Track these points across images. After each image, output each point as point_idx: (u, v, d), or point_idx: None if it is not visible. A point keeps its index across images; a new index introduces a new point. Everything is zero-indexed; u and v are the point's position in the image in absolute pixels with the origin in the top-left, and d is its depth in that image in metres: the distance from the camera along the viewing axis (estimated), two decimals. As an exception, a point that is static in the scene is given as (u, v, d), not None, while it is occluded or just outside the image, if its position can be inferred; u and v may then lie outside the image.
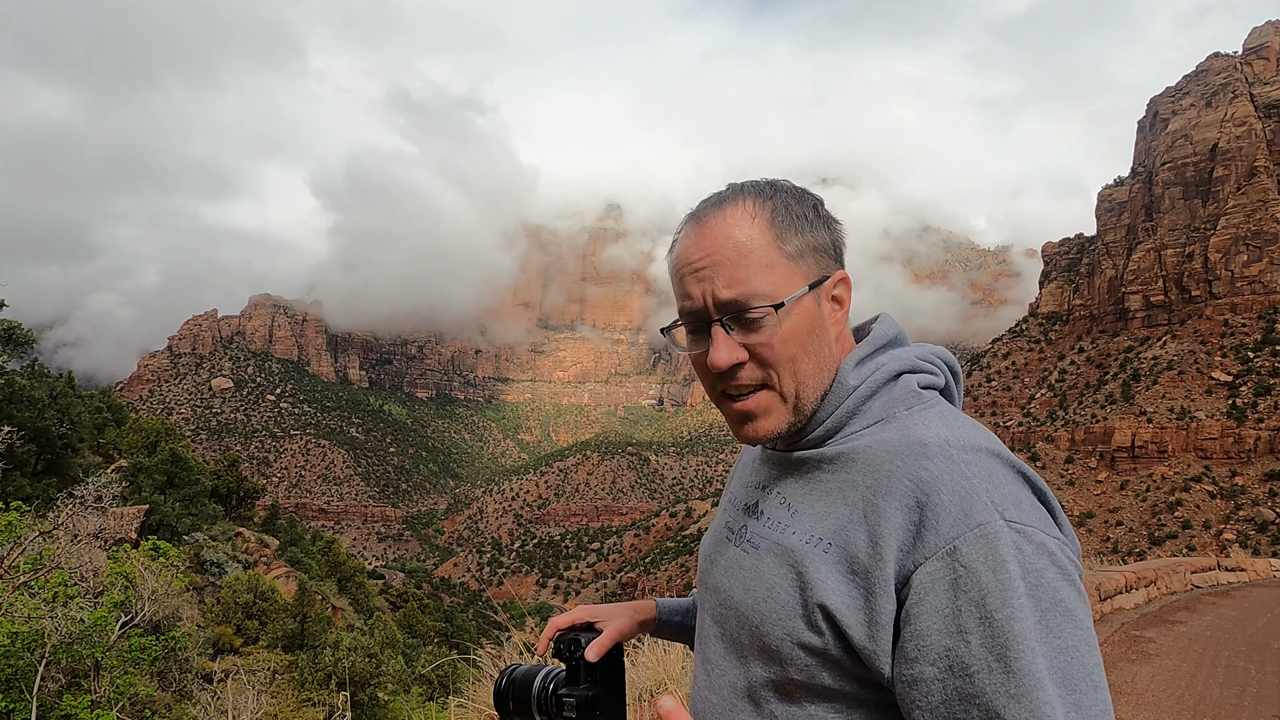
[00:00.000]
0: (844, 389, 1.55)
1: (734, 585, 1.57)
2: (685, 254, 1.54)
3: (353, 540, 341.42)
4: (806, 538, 1.46)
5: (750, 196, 1.55)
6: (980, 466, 1.37)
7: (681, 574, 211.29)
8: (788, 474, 1.60)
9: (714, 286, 1.49)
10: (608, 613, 1.81)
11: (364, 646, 20.00)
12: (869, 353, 1.60)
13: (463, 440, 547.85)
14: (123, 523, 25.50)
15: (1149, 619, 13.57)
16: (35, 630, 9.17)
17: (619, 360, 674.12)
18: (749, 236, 1.50)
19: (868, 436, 1.50)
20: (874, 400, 1.55)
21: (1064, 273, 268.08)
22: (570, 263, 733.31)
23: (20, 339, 30.88)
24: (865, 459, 1.46)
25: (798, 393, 1.52)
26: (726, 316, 1.49)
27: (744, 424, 1.54)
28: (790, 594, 1.43)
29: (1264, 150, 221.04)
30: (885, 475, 1.40)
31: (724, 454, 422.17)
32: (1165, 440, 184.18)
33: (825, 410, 1.55)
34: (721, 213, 1.54)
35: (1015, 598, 1.24)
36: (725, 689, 1.53)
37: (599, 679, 1.58)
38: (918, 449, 1.40)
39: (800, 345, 1.51)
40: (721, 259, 1.49)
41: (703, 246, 1.52)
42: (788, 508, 1.54)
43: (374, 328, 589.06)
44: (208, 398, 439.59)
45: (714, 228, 1.53)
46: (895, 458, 1.41)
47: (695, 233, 1.55)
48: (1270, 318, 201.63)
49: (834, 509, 1.45)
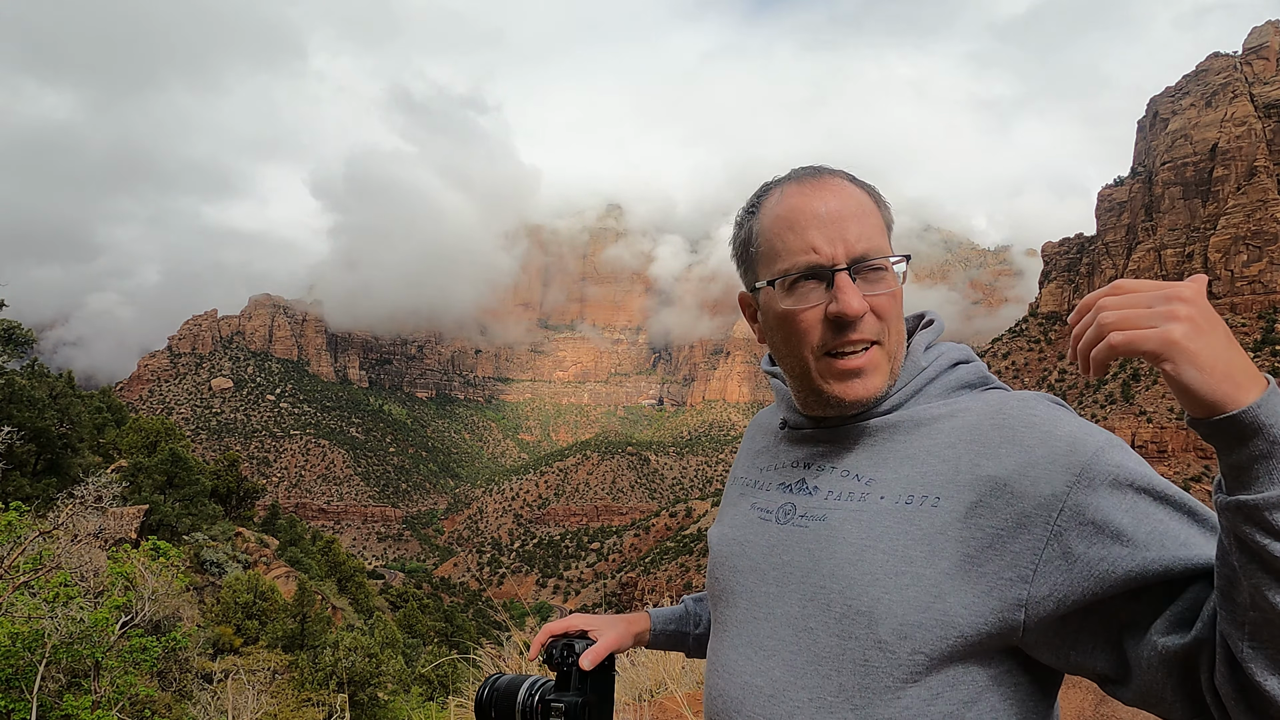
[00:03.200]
0: (916, 366, 1.62)
1: (791, 560, 1.56)
2: (805, 206, 1.55)
3: (353, 540, 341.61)
4: (902, 499, 1.47)
5: (843, 174, 1.62)
6: (1065, 408, 1.48)
7: (681, 574, 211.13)
8: (844, 448, 1.61)
9: (845, 239, 1.51)
10: (603, 623, 1.81)
11: (364, 646, 20.00)
12: (934, 339, 1.68)
13: (463, 440, 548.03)
14: (123, 523, 25.51)
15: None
16: (35, 630, 9.17)
17: (619, 360, 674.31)
18: (864, 200, 1.57)
19: (946, 405, 1.55)
20: (937, 383, 1.61)
21: (1064, 273, 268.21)
22: (571, 262, 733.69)
23: (20, 339, 30.88)
24: (956, 418, 1.51)
25: (895, 354, 1.58)
26: (854, 268, 1.51)
27: (850, 380, 1.54)
28: (888, 555, 1.43)
29: (1264, 150, 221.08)
30: (993, 426, 1.45)
31: (724, 454, 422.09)
32: (1165, 440, 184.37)
33: (899, 383, 1.61)
34: (834, 177, 1.59)
35: (1160, 479, 1.34)
36: (794, 666, 1.50)
37: (589, 687, 1.57)
38: (1017, 402, 1.48)
39: (900, 309, 1.59)
40: (850, 213, 1.53)
41: (828, 200, 1.54)
42: (856, 478, 1.55)
43: (374, 327, 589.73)
44: (208, 398, 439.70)
45: (834, 187, 1.56)
46: (998, 409, 1.47)
47: (815, 188, 1.56)
48: (1270, 318, 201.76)
49: (930, 467, 1.47)
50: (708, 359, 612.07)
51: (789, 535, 1.59)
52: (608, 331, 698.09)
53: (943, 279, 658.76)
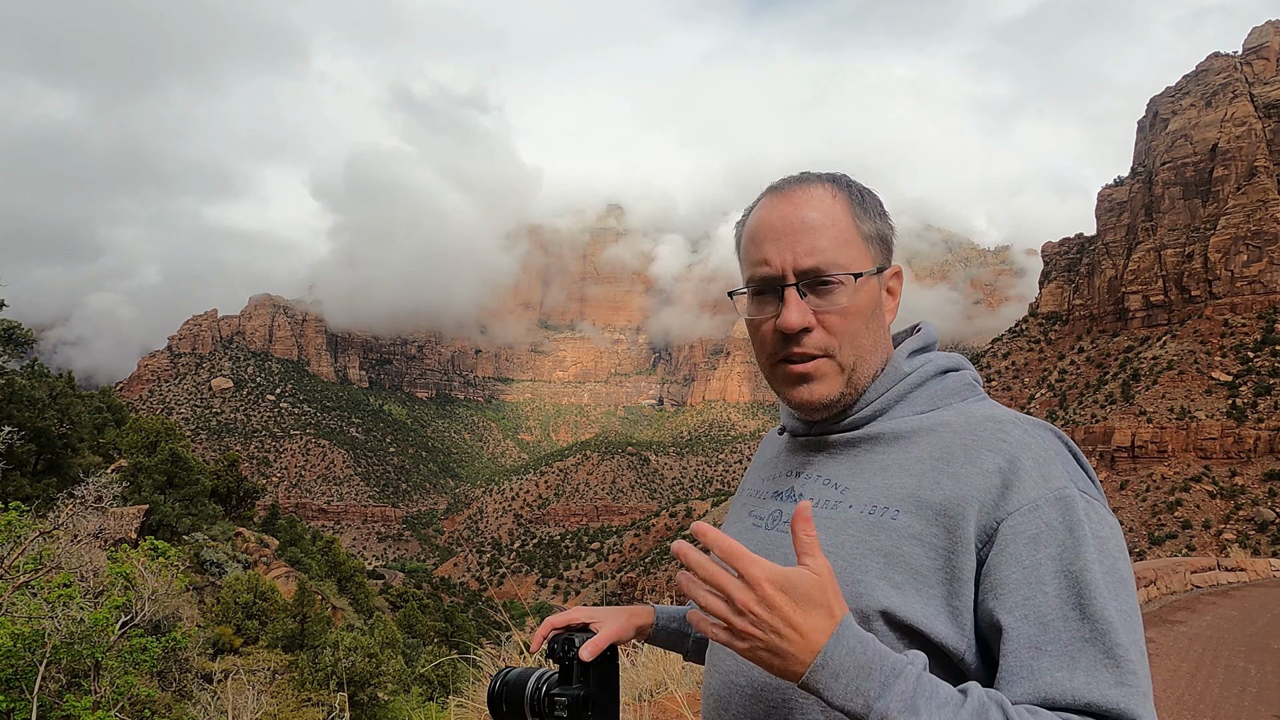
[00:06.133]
0: (897, 373, 1.65)
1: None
2: (766, 219, 1.62)
3: (353, 540, 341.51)
4: (866, 509, 1.52)
5: (829, 181, 1.65)
6: (1050, 443, 1.48)
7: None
8: (827, 456, 1.66)
9: (794, 253, 1.56)
10: (604, 615, 1.83)
11: (364, 646, 20.00)
12: (919, 347, 1.71)
13: (463, 440, 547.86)
14: (123, 523, 25.51)
15: (1149, 619, 13.55)
16: (36, 630, 9.17)
17: (619, 360, 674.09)
18: (831, 212, 1.60)
19: (929, 418, 1.59)
20: (922, 390, 1.64)
21: (1064, 273, 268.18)
22: (571, 262, 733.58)
23: (20, 339, 30.86)
24: (935, 434, 1.54)
25: (855, 365, 1.60)
26: (803, 283, 1.57)
27: (798, 385, 1.60)
28: (846, 564, 1.48)
29: (1264, 150, 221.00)
30: (962, 446, 1.48)
31: (723, 454, 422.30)
32: (1165, 440, 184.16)
33: (875, 390, 1.64)
34: (805, 187, 1.63)
35: (1088, 554, 1.34)
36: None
37: (592, 679, 1.58)
38: (993, 422, 1.51)
39: (863, 320, 1.60)
40: (804, 227, 1.58)
41: (786, 214, 1.60)
42: (834, 486, 1.60)
43: (374, 327, 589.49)
44: (208, 398, 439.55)
45: (799, 198, 1.61)
46: (971, 430, 1.51)
47: (778, 201, 1.63)
48: (1270, 318, 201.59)
49: (896, 480, 1.51)
50: (708, 359, 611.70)
51: (773, 540, 1.65)
52: (608, 331, 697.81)
53: (943, 278, 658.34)
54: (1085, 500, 1.41)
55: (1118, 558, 1.37)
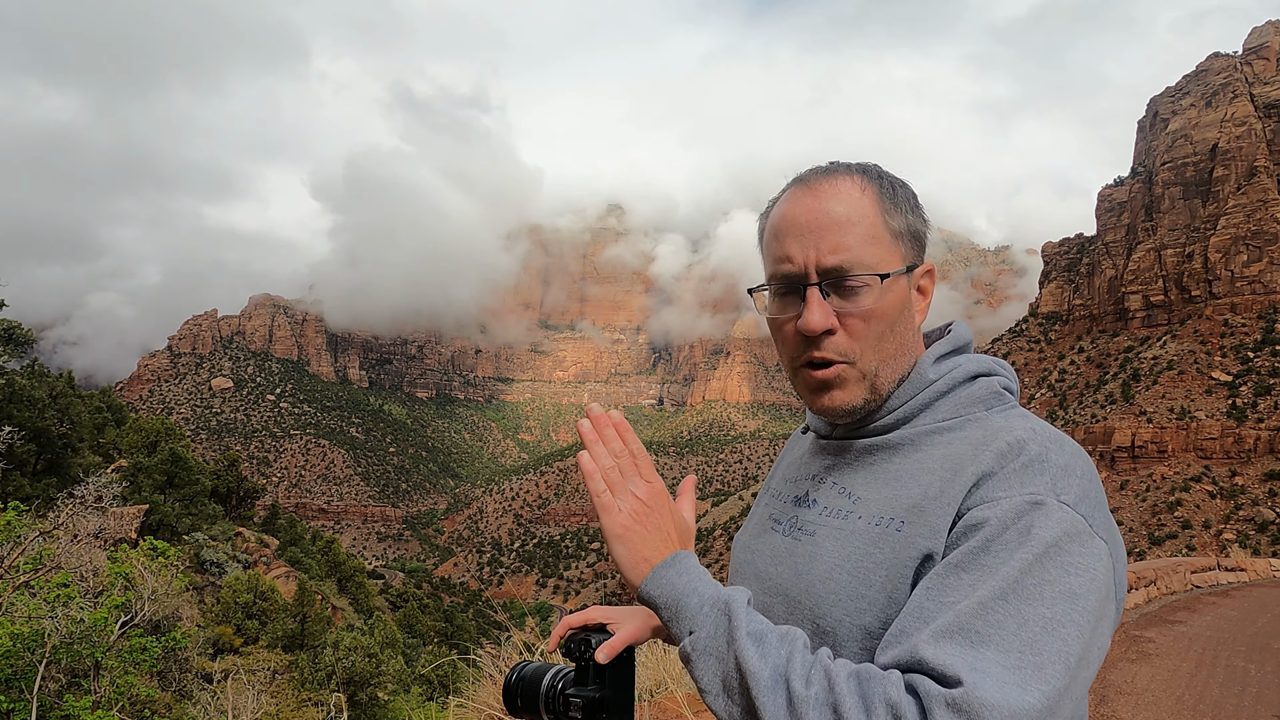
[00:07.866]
0: (922, 380, 1.56)
1: (782, 572, 1.59)
2: (790, 215, 1.53)
3: (353, 540, 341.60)
4: (874, 520, 1.46)
5: (858, 172, 1.55)
6: (1061, 455, 1.38)
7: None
8: (846, 463, 1.60)
9: (818, 250, 1.48)
10: (621, 615, 1.80)
11: (364, 646, 20.00)
12: (947, 351, 1.62)
13: (463, 440, 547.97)
14: (123, 523, 25.50)
15: (1149, 619, 13.56)
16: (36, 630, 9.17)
17: (619, 360, 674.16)
18: (859, 206, 1.50)
19: (949, 432, 1.50)
20: (949, 397, 1.55)
21: (1064, 273, 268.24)
22: (571, 262, 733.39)
23: (20, 339, 30.86)
24: (950, 445, 1.47)
25: (878, 371, 1.53)
26: (826, 282, 1.49)
27: (821, 393, 1.54)
28: (851, 577, 1.44)
29: (1264, 150, 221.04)
30: (970, 457, 1.41)
31: (723, 454, 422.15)
32: (1165, 440, 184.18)
33: (900, 398, 1.56)
34: (832, 180, 1.53)
35: (1019, 563, 1.25)
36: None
37: (607, 681, 1.57)
38: (1005, 434, 1.42)
39: (889, 324, 1.52)
40: (829, 224, 1.49)
41: (810, 209, 1.51)
42: (848, 495, 1.55)
43: (374, 327, 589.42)
44: (208, 397, 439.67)
45: (824, 191, 1.52)
46: (984, 444, 1.42)
47: (803, 195, 1.54)
48: (1270, 318, 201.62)
49: (905, 490, 1.46)
50: (708, 359, 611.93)
51: (787, 547, 1.62)
52: (608, 331, 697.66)
53: (944, 278, 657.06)
54: (1062, 511, 1.30)
55: (1074, 575, 1.25)
